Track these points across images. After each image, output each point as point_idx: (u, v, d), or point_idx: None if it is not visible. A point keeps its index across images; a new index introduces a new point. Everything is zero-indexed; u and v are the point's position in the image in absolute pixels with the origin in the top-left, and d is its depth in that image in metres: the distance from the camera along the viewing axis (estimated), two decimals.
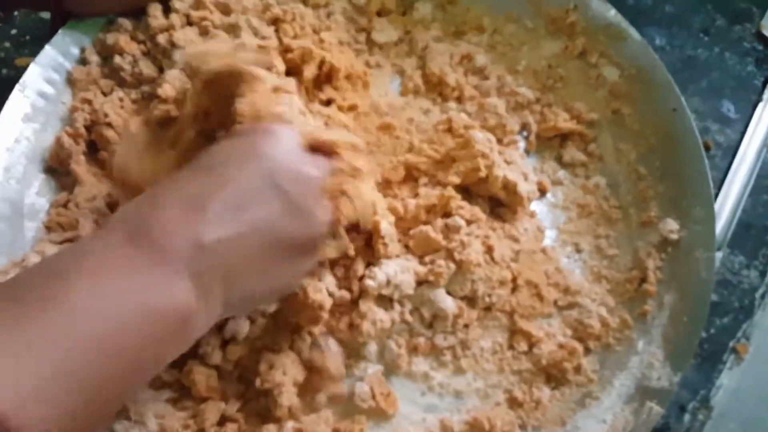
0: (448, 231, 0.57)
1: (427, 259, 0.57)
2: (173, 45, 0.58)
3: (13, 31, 0.72)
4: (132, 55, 0.60)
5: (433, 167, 0.60)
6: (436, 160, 0.60)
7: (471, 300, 0.57)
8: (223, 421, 0.53)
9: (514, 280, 0.59)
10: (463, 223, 0.57)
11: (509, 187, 0.59)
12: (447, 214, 0.58)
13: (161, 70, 0.60)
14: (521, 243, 0.60)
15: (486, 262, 0.57)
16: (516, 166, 0.61)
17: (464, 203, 0.58)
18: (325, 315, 0.52)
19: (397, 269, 0.55)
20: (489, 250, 0.57)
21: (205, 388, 0.52)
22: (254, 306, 0.51)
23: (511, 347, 0.58)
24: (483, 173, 0.58)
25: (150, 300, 0.37)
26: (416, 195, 0.59)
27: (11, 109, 0.58)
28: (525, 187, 0.60)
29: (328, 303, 0.52)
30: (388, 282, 0.55)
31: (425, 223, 0.58)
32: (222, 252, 0.40)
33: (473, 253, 0.56)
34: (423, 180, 0.60)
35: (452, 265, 0.56)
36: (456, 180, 0.59)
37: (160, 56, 0.60)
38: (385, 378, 0.56)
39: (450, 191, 0.58)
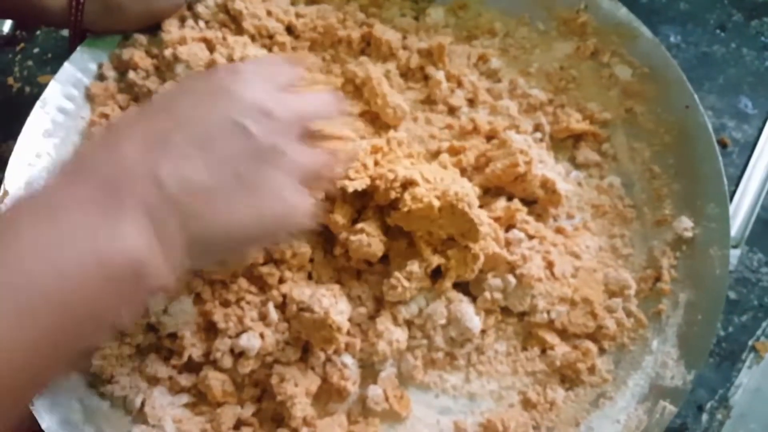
0: (509, 245, 0.57)
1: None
2: (176, 59, 0.59)
3: (36, 50, 0.74)
4: (145, 70, 0.61)
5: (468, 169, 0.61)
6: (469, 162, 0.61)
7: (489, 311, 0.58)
8: (239, 424, 0.54)
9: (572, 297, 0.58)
10: (523, 236, 0.57)
11: (548, 186, 0.59)
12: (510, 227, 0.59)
13: None
14: (582, 260, 0.60)
15: (547, 277, 0.57)
16: (551, 165, 0.61)
17: (530, 218, 0.59)
18: (341, 338, 0.53)
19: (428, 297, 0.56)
20: (550, 265, 0.57)
21: (221, 393, 0.54)
22: (223, 253, 0.46)
23: (524, 349, 0.58)
24: (522, 169, 0.57)
25: (98, 246, 0.35)
26: None
27: (32, 126, 0.59)
28: (563, 186, 0.60)
29: (345, 327, 0.52)
30: (420, 311, 0.55)
31: None
32: (180, 189, 0.38)
33: (534, 268, 0.56)
34: None
35: (513, 279, 0.56)
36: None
37: (165, 69, 0.61)
38: (399, 383, 0.56)
39: (517, 204, 0.58)
